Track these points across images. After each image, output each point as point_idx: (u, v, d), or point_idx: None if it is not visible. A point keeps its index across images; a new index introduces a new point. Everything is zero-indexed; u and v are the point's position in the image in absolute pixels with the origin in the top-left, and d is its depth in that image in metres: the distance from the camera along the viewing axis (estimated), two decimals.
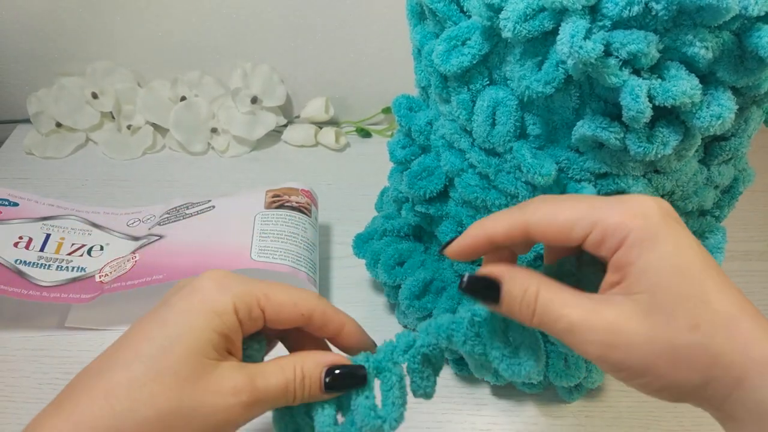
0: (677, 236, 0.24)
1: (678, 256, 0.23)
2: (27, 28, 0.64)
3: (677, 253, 0.23)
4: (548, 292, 0.25)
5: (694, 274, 0.23)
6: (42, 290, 0.47)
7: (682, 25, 0.26)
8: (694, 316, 0.23)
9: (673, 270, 0.23)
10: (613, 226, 0.24)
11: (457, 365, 0.44)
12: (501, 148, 0.33)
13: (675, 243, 0.24)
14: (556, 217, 0.25)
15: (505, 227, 0.26)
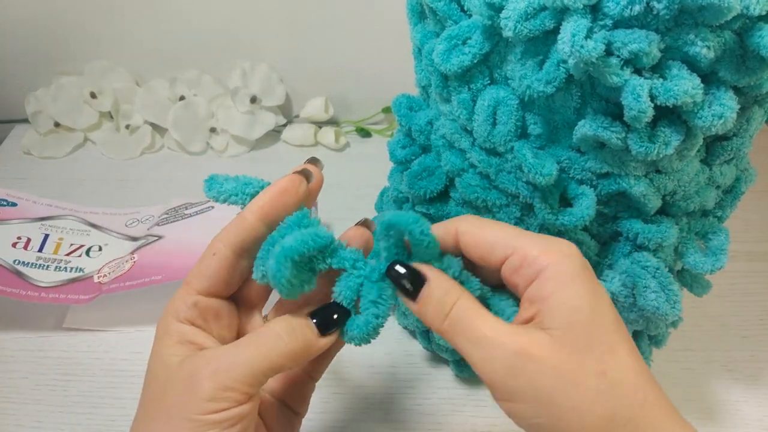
0: (593, 282, 0.24)
1: (593, 301, 0.24)
2: (25, 27, 0.64)
3: (592, 298, 0.24)
4: (467, 302, 0.25)
5: (606, 322, 0.24)
6: (40, 291, 0.47)
7: (684, 24, 0.25)
8: (603, 362, 0.23)
9: (587, 312, 0.23)
10: (533, 256, 0.24)
11: (458, 367, 0.44)
12: (502, 148, 0.33)
13: (591, 288, 0.24)
14: (483, 231, 0.26)
15: (439, 233, 0.27)
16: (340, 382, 0.45)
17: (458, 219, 0.27)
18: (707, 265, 0.35)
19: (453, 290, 0.25)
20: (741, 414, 0.44)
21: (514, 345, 0.23)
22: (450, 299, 0.25)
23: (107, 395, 0.44)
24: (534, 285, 0.24)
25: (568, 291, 0.24)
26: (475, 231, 0.26)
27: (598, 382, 0.23)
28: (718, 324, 0.49)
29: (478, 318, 0.24)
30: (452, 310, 0.25)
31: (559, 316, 0.23)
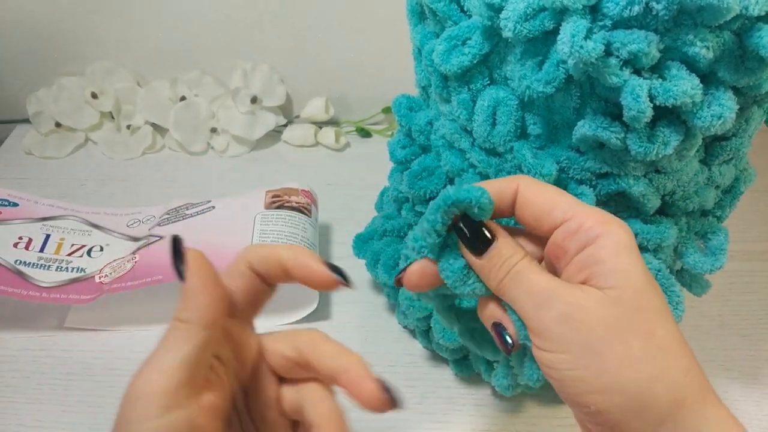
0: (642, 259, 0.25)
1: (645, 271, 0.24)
2: (27, 28, 0.64)
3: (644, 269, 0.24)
4: (531, 262, 0.26)
5: (656, 293, 0.24)
6: (42, 291, 0.47)
7: (683, 24, 0.26)
8: (652, 324, 0.23)
9: (641, 279, 0.24)
10: (591, 223, 0.25)
11: (458, 366, 0.44)
12: (501, 148, 0.33)
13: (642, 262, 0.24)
14: (545, 191, 0.26)
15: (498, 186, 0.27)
16: None
17: (518, 177, 0.27)
18: (707, 265, 0.35)
19: (519, 251, 0.26)
20: (740, 413, 0.44)
21: (569, 296, 0.24)
22: (516, 258, 0.26)
23: (108, 395, 0.44)
24: (589, 249, 0.24)
25: (624, 258, 0.24)
26: (538, 189, 0.26)
27: (646, 342, 0.23)
28: (717, 323, 0.50)
29: (539, 274, 0.25)
30: (516, 265, 0.25)
31: (614, 277, 0.24)
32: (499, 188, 0.27)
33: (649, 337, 0.23)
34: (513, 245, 0.26)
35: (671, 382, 0.23)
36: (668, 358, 0.23)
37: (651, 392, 0.23)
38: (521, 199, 0.26)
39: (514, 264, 0.25)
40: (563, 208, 0.25)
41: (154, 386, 0.22)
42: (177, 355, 0.22)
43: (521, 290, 0.25)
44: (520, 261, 0.26)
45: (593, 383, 0.23)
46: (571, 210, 0.25)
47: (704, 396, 0.23)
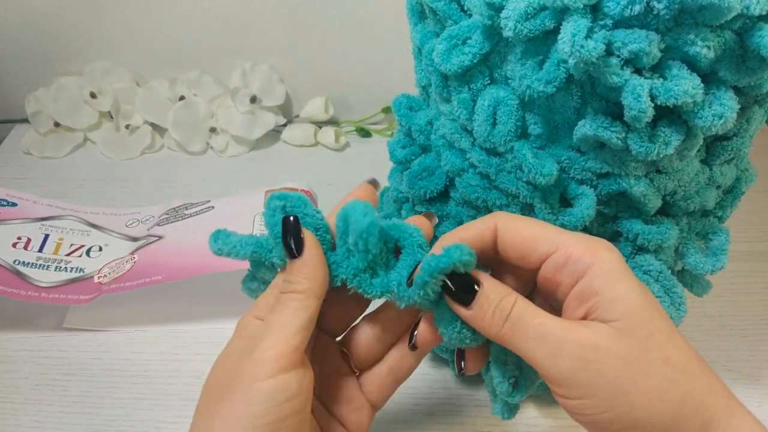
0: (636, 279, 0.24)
1: (643, 294, 0.24)
2: (25, 27, 0.64)
3: (642, 291, 0.24)
4: (524, 302, 0.25)
5: (659, 313, 0.24)
6: (41, 291, 0.47)
7: (684, 24, 0.25)
8: (665, 350, 0.23)
9: (642, 303, 0.24)
10: (579, 254, 0.24)
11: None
12: (502, 148, 0.33)
13: (637, 283, 0.24)
14: (524, 227, 0.26)
15: (476, 231, 0.26)
16: None
17: (494, 216, 0.27)
18: (708, 266, 0.35)
19: (509, 292, 0.25)
20: None
21: (581, 338, 0.23)
22: (507, 302, 0.25)
23: (107, 395, 0.44)
24: (583, 281, 0.24)
25: (620, 285, 0.24)
26: (516, 227, 0.26)
27: (664, 369, 0.23)
28: (718, 324, 0.49)
29: (539, 316, 0.24)
30: (512, 312, 0.25)
31: (617, 307, 0.23)
32: (478, 233, 0.26)
33: (666, 364, 0.23)
34: (500, 288, 0.25)
35: (697, 405, 0.23)
36: (689, 380, 0.23)
37: (680, 418, 0.23)
38: (501, 239, 0.26)
39: (509, 308, 0.25)
40: (545, 241, 0.25)
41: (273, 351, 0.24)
42: (295, 322, 0.25)
43: (528, 341, 0.24)
44: (515, 305, 0.25)
45: (624, 421, 0.23)
46: (555, 242, 0.25)
47: (730, 410, 0.23)
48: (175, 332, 0.48)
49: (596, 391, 0.23)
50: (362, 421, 0.29)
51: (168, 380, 0.45)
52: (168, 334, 0.48)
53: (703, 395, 0.23)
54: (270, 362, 0.24)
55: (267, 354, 0.24)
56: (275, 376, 0.24)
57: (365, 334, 0.30)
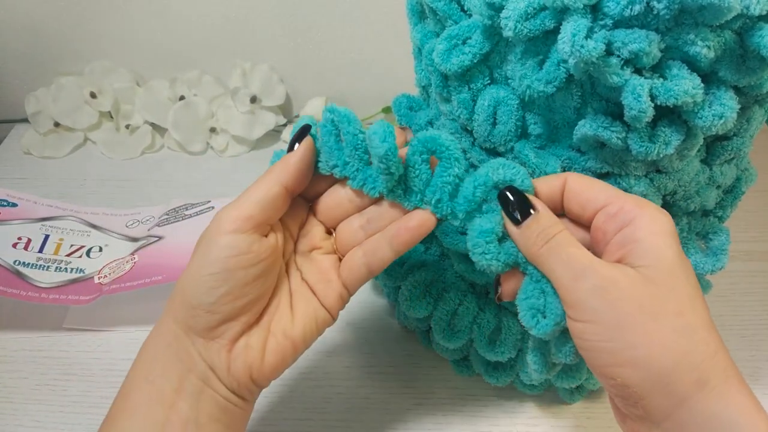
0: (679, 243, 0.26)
1: (679, 254, 0.25)
2: (25, 27, 0.64)
3: (679, 251, 0.25)
4: (568, 236, 0.27)
5: (689, 276, 0.25)
6: (41, 291, 0.47)
7: (684, 24, 0.25)
8: (682, 304, 0.24)
9: (675, 260, 0.25)
10: (629, 206, 0.26)
11: (458, 366, 0.44)
12: (502, 148, 0.33)
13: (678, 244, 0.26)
14: (590, 183, 0.28)
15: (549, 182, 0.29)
16: (341, 381, 0.45)
17: (567, 173, 0.29)
18: (708, 266, 0.35)
19: (558, 224, 0.28)
20: None
21: (605, 271, 0.25)
22: (553, 230, 0.27)
23: (107, 395, 0.44)
24: (627, 229, 0.26)
25: (659, 238, 0.25)
26: (583, 181, 0.28)
27: (675, 320, 0.24)
28: (717, 324, 0.49)
29: (577, 247, 0.26)
30: (553, 238, 0.27)
31: (649, 256, 0.25)
32: (550, 184, 0.29)
33: (678, 317, 0.24)
34: (553, 218, 0.28)
35: (697, 363, 0.24)
36: (695, 340, 0.24)
37: (676, 370, 0.23)
38: (568, 191, 0.28)
39: (552, 235, 0.27)
40: (605, 195, 0.27)
41: (231, 212, 0.29)
42: (255, 196, 0.29)
43: (558, 261, 0.26)
44: (559, 233, 0.27)
45: (621, 356, 0.24)
46: (612, 195, 0.27)
47: (728, 380, 0.24)
48: None
49: (604, 319, 0.24)
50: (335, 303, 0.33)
51: None
52: None
53: (704, 357, 0.24)
54: (226, 222, 0.28)
55: (225, 215, 0.29)
56: (227, 234, 0.28)
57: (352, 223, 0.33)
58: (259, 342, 0.30)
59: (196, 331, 0.29)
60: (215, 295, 0.28)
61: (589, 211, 0.28)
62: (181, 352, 0.29)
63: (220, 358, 0.29)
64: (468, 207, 0.29)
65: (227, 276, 0.28)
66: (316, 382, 0.45)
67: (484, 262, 0.28)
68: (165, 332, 0.29)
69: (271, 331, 0.30)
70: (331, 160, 0.31)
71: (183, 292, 0.29)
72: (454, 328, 0.39)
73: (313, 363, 0.47)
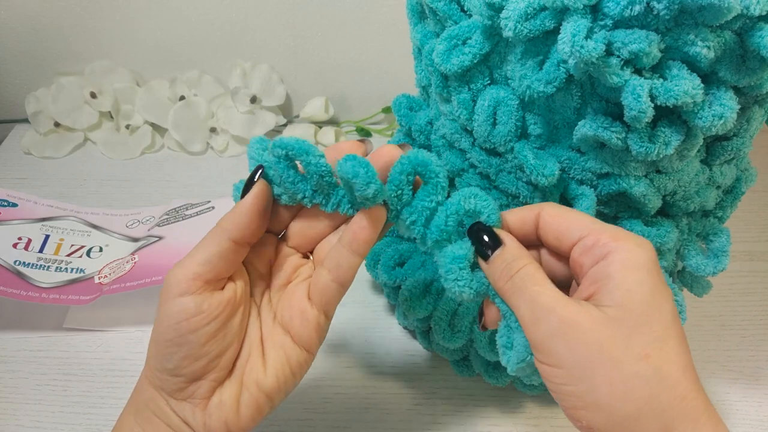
0: (657, 276, 0.25)
1: (652, 289, 0.24)
2: (26, 27, 0.64)
3: (652, 287, 0.24)
4: (532, 270, 0.26)
5: (662, 314, 0.24)
6: (41, 291, 0.47)
7: (684, 24, 0.25)
8: (649, 348, 0.23)
9: (645, 297, 0.24)
10: (605, 239, 0.25)
11: (458, 367, 0.44)
12: (502, 148, 0.33)
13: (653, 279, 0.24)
14: (565, 213, 0.27)
15: (521, 215, 0.28)
16: (341, 382, 0.45)
17: (541, 204, 0.29)
18: (709, 268, 0.35)
19: (523, 257, 0.27)
20: (741, 414, 0.44)
21: (565, 312, 0.24)
22: (518, 264, 0.27)
23: (107, 395, 0.44)
24: (599, 264, 0.25)
25: (630, 274, 0.24)
26: (558, 212, 0.28)
27: (639, 365, 0.23)
28: (718, 324, 0.49)
29: (538, 285, 0.26)
30: (517, 273, 0.26)
31: (615, 294, 0.24)
32: (522, 216, 0.28)
33: (643, 361, 0.23)
34: (518, 251, 0.27)
35: (661, 410, 0.23)
36: (660, 384, 0.23)
37: (639, 418, 0.23)
38: (542, 222, 0.28)
39: (518, 269, 0.26)
40: (580, 226, 0.26)
41: (178, 274, 0.28)
42: (198, 255, 0.28)
43: (521, 300, 0.26)
44: (524, 267, 0.26)
45: (584, 399, 0.24)
46: (587, 228, 0.26)
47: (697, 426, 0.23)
48: None
49: (566, 363, 0.24)
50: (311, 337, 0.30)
51: None
52: None
53: (670, 403, 0.23)
54: (173, 285, 0.27)
55: (172, 277, 0.28)
56: (175, 298, 0.27)
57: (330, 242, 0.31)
58: (233, 397, 0.29)
59: (167, 392, 0.28)
60: (174, 361, 0.27)
61: (565, 243, 0.27)
62: (158, 411, 0.28)
63: (194, 417, 0.28)
64: (439, 236, 0.28)
65: (180, 341, 0.27)
66: (316, 382, 0.45)
67: (457, 289, 0.28)
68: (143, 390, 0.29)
69: (244, 384, 0.29)
70: (297, 194, 0.29)
71: (149, 355, 0.28)
72: (454, 328, 0.39)
73: (313, 363, 0.46)
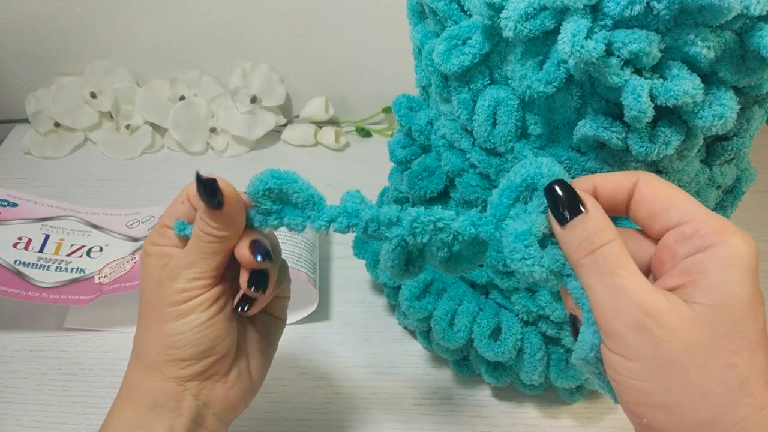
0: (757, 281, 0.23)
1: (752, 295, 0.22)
2: (26, 27, 0.64)
3: (753, 292, 0.22)
4: (619, 247, 0.23)
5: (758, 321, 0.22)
6: (41, 291, 0.47)
7: (684, 24, 0.25)
8: (738, 355, 0.21)
9: (744, 302, 0.22)
10: (709, 229, 0.23)
11: (458, 367, 0.44)
12: (502, 148, 0.33)
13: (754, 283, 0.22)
14: (665, 189, 0.24)
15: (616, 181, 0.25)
16: (341, 382, 0.45)
17: (639, 172, 0.25)
18: None
19: (609, 230, 0.24)
20: None
21: (650, 304, 0.22)
22: (602, 238, 0.23)
23: (107, 395, 0.44)
24: (698, 256, 0.22)
25: (732, 274, 0.22)
26: (659, 187, 0.24)
27: (725, 373, 0.21)
28: None
29: (625, 267, 0.23)
30: (601, 248, 0.23)
31: (712, 293, 0.22)
32: (617, 182, 0.25)
33: (730, 369, 0.21)
34: (603, 222, 0.24)
35: (739, 419, 0.21)
36: (743, 393, 0.21)
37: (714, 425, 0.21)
38: (638, 195, 0.25)
39: (601, 244, 0.23)
40: (682, 209, 0.23)
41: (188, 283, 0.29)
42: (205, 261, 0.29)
43: (599, 280, 0.23)
44: (609, 243, 0.23)
45: (655, 399, 0.22)
46: (691, 212, 0.23)
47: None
48: None
49: (642, 358, 0.22)
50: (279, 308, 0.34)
51: None
52: None
53: (750, 412, 0.21)
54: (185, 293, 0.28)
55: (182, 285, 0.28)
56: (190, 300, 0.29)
57: None
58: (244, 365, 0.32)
59: (189, 377, 0.30)
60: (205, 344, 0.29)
61: (659, 224, 0.24)
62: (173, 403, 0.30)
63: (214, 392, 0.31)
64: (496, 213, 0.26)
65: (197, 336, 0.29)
66: (316, 382, 0.45)
67: (525, 269, 0.24)
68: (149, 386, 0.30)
69: (249, 352, 0.32)
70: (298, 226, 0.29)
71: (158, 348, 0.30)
72: (454, 328, 0.39)
73: (313, 363, 0.47)
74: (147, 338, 0.30)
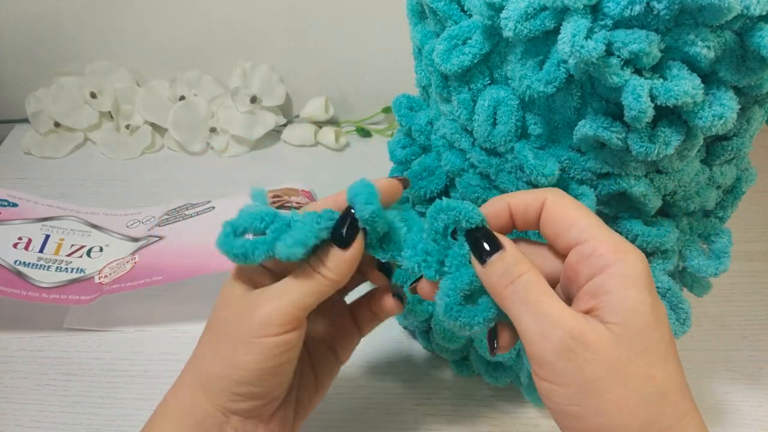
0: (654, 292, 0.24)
1: (654, 308, 0.24)
2: (26, 27, 0.64)
3: (654, 305, 0.24)
4: (535, 277, 0.25)
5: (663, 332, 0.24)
6: (42, 291, 0.47)
7: (684, 24, 0.25)
8: (654, 368, 0.23)
9: (648, 317, 0.23)
10: (605, 250, 0.24)
11: (458, 367, 0.44)
12: (502, 148, 0.33)
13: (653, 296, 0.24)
14: (567, 208, 0.26)
15: (527, 200, 0.27)
16: (341, 382, 0.45)
17: (548, 190, 0.27)
18: (710, 269, 0.35)
19: (526, 262, 0.26)
20: (741, 414, 0.44)
21: (574, 327, 0.23)
22: (520, 269, 0.25)
23: (107, 395, 0.44)
24: (599, 278, 0.24)
25: (633, 292, 0.24)
26: (562, 205, 0.26)
27: (646, 385, 0.23)
28: (718, 324, 0.49)
29: (544, 294, 0.24)
30: (519, 278, 0.25)
31: (620, 312, 0.23)
32: (528, 202, 0.27)
33: (648, 382, 0.23)
34: (520, 256, 0.26)
35: (665, 429, 0.23)
36: (665, 404, 0.23)
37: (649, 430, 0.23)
38: (545, 213, 0.26)
39: (519, 275, 0.25)
40: (580, 229, 0.25)
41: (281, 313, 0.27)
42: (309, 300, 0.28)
43: (524, 310, 0.25)
44: (526, 273, 0.25)
45: (589, 421, 0.23)
46: (587, 232, 0.25)
47: None
48: (175, 332, 0.48)
49: (571, 383, 0.23)
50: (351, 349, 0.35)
51: (168, 380, 0.45)
52: (168, 334, 0.48)
53: (673, 422, 0.23)
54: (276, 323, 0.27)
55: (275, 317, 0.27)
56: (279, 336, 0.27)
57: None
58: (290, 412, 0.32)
59: (234, 411, 0.29)
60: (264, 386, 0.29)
61: (561, 242, 0.26)
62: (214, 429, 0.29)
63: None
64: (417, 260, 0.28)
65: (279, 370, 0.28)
66: None
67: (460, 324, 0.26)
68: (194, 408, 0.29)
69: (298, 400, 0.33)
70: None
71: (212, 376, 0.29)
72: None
73: None
74: (212, 360, 0.29)
